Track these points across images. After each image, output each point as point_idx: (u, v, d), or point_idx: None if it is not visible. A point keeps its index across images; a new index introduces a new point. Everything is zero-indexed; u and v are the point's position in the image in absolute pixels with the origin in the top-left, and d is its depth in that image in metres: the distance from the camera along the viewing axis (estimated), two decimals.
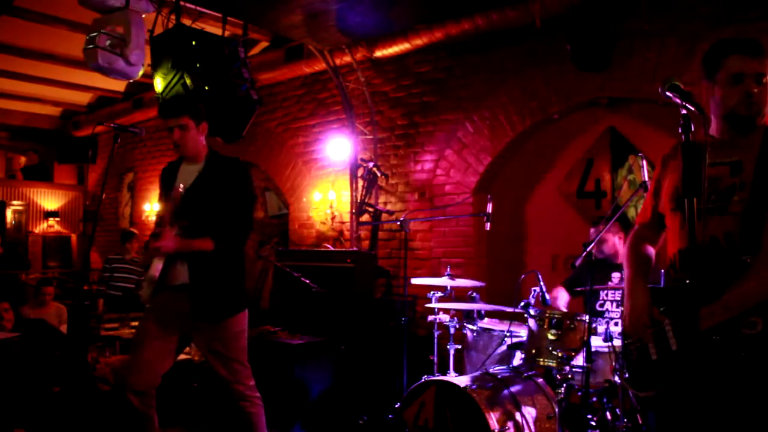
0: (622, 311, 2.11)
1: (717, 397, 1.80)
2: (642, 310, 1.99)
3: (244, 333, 3.00)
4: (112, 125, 2.96)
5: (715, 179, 1.94)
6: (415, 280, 4.27)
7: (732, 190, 1.90)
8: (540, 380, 3.40)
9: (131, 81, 4.28)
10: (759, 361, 1.77)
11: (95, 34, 3.81)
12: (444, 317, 3.97)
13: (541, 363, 3.21)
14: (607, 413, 3.33)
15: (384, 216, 5.84)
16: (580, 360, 3.13)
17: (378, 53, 5.78)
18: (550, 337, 3.15)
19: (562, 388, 3.04)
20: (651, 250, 2.20)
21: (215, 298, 2.88)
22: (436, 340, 4.04)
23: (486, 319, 4.06)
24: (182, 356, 3.16)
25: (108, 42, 3.81)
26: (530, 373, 3.42)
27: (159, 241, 2.77)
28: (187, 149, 2.96)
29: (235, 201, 2.91)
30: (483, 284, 4.13)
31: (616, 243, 3.98)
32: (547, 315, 3.23)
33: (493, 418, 3.02)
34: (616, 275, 3.94)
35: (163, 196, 3.06)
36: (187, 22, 4.55)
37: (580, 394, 3.29)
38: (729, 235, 1.88)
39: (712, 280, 1.84)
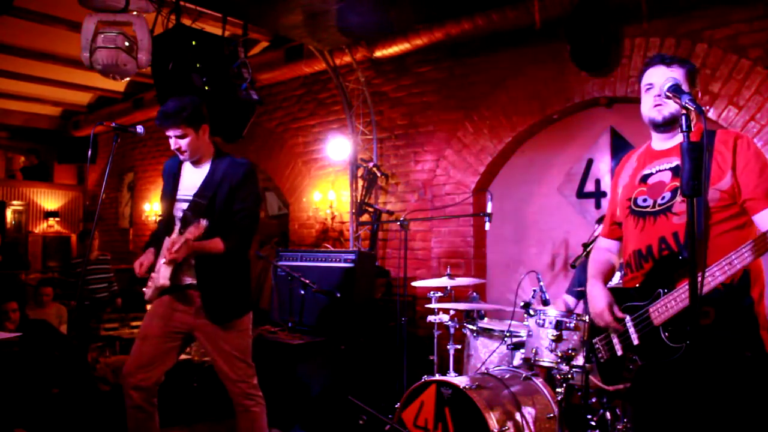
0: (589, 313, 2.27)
1: (679, 384, 1.91)
2: (603, 310, 2.12)
3: (249, 332, 3.01)
4: (112, 125, 2.95)
5: (660, 183, 2.07)
6: (415, 283, 4.25)
7: (675, 192, 2.00)
8: (540, 380, 3.40)
9: (128, 80, 4.25)
10: (713, 349, 1.86)
11: (114, 34, 3.77)
12: (444, 317, 3.98)
13: (541, 363, 3.21)
14: (607, 413, 3.34)
15: (384, 216, 5.84)
16: (580, 360, 3.14)
17: (378, 53, 5.77)
18: (550, 337, 3.16)
19: (562, 388, 3.04)
20: (611, 259, 2.36)
21: (225, 299, 2.89)
22: (436, 340, 4.04)
23: (486, 319, 4.07)
24: (182, 356, 3.17)
25: (127, 43, 3.79)
26: (530, 373, 3.43)
27: (172, 253, 2.73)
28: (189, 155, 2.94)
29: (242, 202, 2.90)
30: (483, 283, 4.13)
31: None
32: (547, 315, 3.23)
33: (492, 418, 3.02)
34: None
35: (167, 195, 3.03)
36: (187, 22, 4.55)
37: (580, 394, 3.30)
38: (675, 234, 1.98)
39: (663, 276, 1.98)
